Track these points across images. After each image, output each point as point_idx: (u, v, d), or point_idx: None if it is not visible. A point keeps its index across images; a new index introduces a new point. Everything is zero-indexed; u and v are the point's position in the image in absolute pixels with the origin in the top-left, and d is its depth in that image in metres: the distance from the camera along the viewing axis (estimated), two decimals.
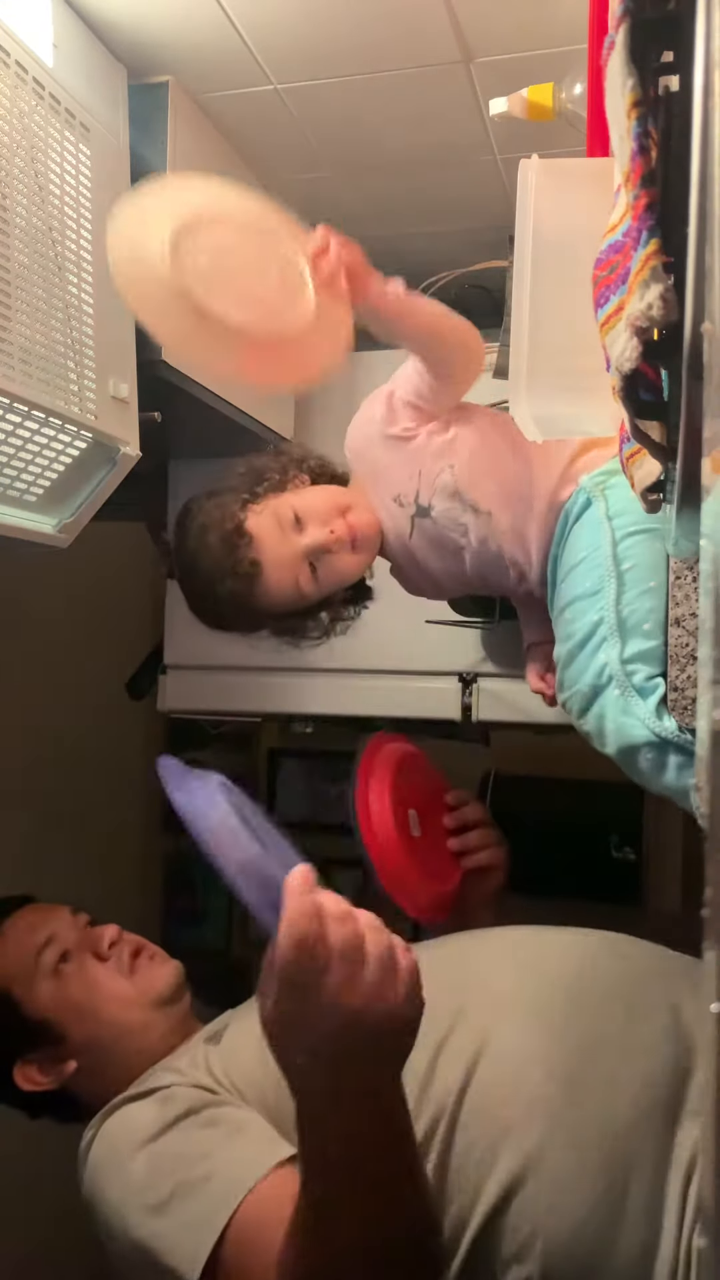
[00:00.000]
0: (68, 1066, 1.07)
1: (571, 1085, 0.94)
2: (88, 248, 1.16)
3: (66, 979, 1.09)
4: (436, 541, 1.21)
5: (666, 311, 0.52)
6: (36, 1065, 1.08)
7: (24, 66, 1.06)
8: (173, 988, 1.13)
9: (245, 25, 1.20)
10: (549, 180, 0.88)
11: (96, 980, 1.10)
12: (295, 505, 1.19)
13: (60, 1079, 1.07)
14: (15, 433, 1.10)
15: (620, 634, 1.01)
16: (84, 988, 1.09)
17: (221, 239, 0.97)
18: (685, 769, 0.96)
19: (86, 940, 1.13)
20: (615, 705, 0.99)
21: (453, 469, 1.17)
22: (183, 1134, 0.95)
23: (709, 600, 0.49)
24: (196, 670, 1.77)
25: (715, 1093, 0.39)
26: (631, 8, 0.54)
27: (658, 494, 0.72)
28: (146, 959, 1.14)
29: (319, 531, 1.19)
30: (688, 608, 0.94)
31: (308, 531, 1.18)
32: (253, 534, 1.17)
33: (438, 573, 1.25)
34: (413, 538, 1.22)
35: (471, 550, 1.19)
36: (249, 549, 1.16)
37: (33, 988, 1.08)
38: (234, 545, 1.16)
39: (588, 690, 1.02)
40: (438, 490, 1.18)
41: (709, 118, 0.48)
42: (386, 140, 1.44)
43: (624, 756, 1.00)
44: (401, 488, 1.21)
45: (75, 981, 1.09)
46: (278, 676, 1.71)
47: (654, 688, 0.98)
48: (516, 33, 1.19)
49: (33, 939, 1.11)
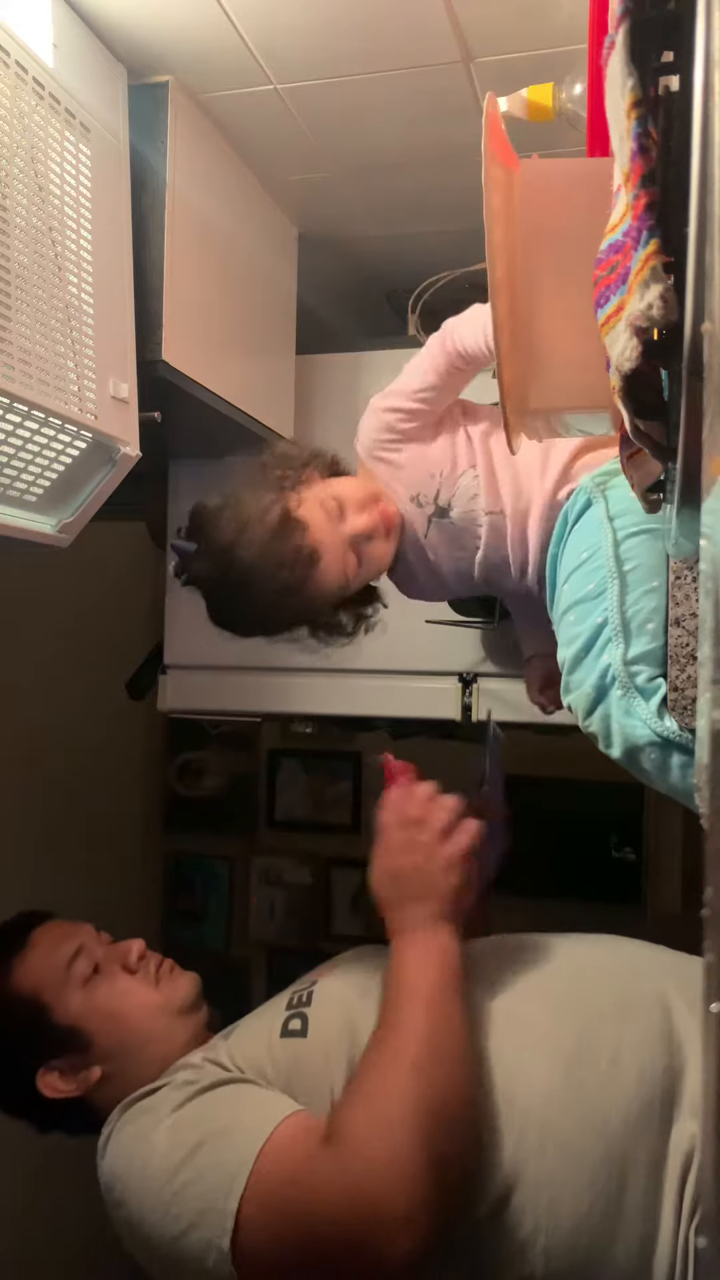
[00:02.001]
0: (93, 1073, 1.08)
1: (568, 1083, 0.95)
2: (88, 248, 1.16)
3: (96, 988, 1.11)
4: (453, 542, 1.22)
5: (666, 311, 0.52)
6: (59, 1072, 1.09)
7: (24, 66, 1.06)
8: (195, 996, 1.15)
9: (245, 25, 1.19)
10: (541, 180, 0.88)
11: (127, 990, 1.12)
12: (335, 493, 1.19)
13: (84, 1086, 1.08)
14: (15, 433, 1.10)
15: (624, 635, 1.01)
16: (115, 996, 1.11)
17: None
18: (689, 768, 0.96)
19: (114, 954, 1.15)
20: (619, 707, 1.00)
21: (475, 470, 1.19)
22: (203, 1102, 0.97)
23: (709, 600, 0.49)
24: (196, 670, 1.77)
25: (715, 1093, 0.39)
26: (631, 8, 0.54)
27: (658, 494, 0.72)
28: (168, 970, 1.17)
29: (361, 518, 1.18)
30: (688, 608, 0.94)
31: (350, 519, 1.17)
32: (306, 520, 1.14)
33: (447, 573, 1.26)
34: (428, 537, 1.23)
35: (483, 551, 1.21)
36: (304, 536, 1.13)
37: (63, 995, 1.10)
38: (287, 534, 1.13)
39: (592, 692, 1.02)
40: (459, 492, 1.19)
41: (709, 118, 0.48)
42: (386, 140, 1.44)
43: (629, 758, 1.00)
44: (421, 488, 1.22)
45: (105, 990, 1.11)
46: (278, 676, 1.71)
47: (656, 688, 0.98)
48: (516, 33, 1.19)
49: (64, 949, 1.12)
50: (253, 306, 1.55)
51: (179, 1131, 0.95)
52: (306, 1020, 1.03)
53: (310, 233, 1.71)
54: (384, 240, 1.74)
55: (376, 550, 1.20)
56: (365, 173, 1.54)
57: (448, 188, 1.54)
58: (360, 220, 1.67)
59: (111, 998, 1.11)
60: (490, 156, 0.79)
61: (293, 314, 1.70)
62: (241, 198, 1.52)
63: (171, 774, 2.92)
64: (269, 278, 1.62)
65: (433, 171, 1.51)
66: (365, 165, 1.51)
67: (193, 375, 1.35)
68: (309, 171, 1.53)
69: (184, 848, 2.98)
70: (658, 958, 1.08)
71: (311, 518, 1.15)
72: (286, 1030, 1.03)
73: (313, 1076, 0.98)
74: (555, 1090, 0.94)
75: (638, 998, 1.01)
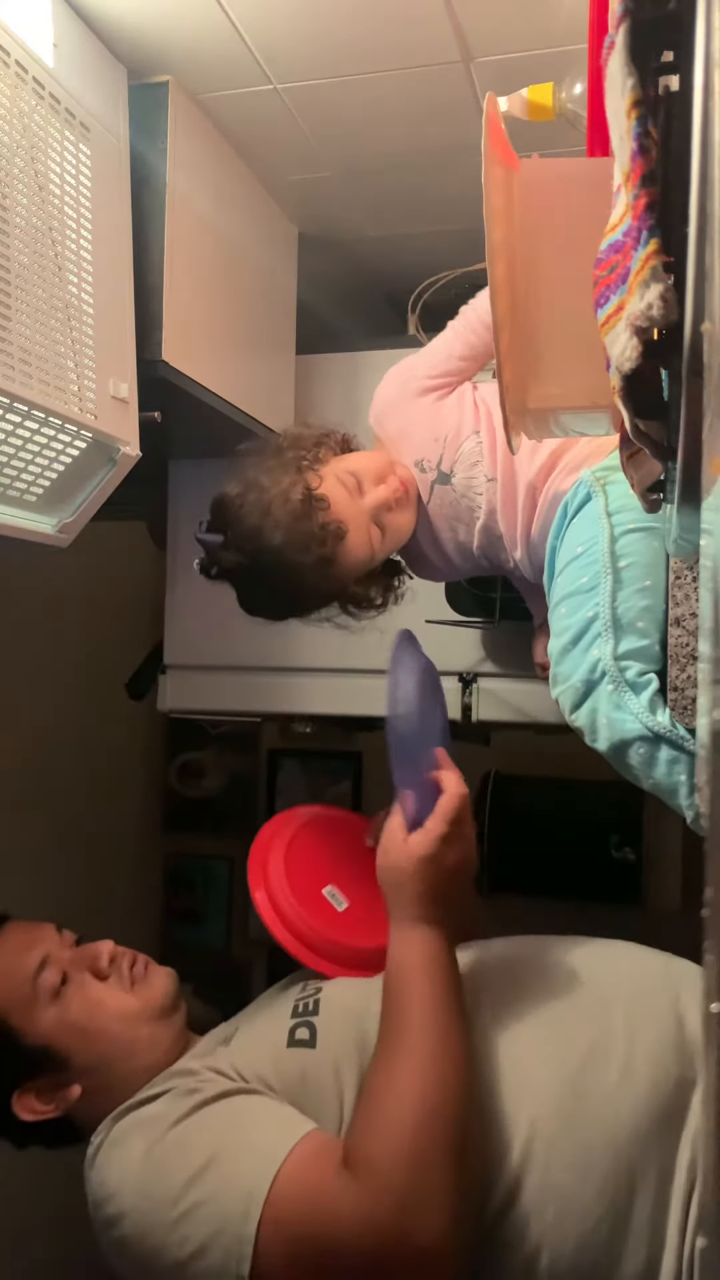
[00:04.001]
0: (71, 1091, 1.01)
1: (575, 1096, 0.92)
2: (88, 248, 1.16)
3: (68, 1002, 1.03)
4: (452, 509, 1.24)
5: (666, 311, 0.52)
6: (35, 1094, 1.02)
7: (24, 66, 1.06)
8: (172, 996, 1.09)
9: (245, 25, 1.19)
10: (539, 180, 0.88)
11: (101, 1000, 1.05)
12: (351, 468, 1.20)
13: (64, 1105, 1.02)
14: (15, 433, 1.10)
15: (614, 631, 1.01)
16: (88, 1009, 1.04)
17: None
18: (675, 764, 0.96)
19: (81, 959, 1.07)
20: (608, 700, 1.00)
21: (479, 435, 1.20)
22: (210, 1115, 0.92)
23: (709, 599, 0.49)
24: (196, 670, 1.77)
25: (715, 1093, 0.39)
26: (631, 7, 0.54)
27: (658, 494, 0.72)
28: (142, 969, 1.10)
29: (380, 489, 1.19)
30: (688, 607, 0.94)
31: (368, 491, 1.19)
32: (328, 496, 1.15)
33: (448, 544, 1.27)
34: (430, 503, 1.24)
35: (480, 521, 1.22)
36: (328, 513, 1.14)
37: (32, 1014, 1.02)
38: (311, 512, 1.14)
39: (580, 685, 1.03)
40: (461, 457, 1.21)
41: (709, 118, 0.48)
42: (386, 140, 1.44)
43: (615, 751, 1.00)
44: (425, 452, 1.23)
45: (77, 1004, 1.04)
46: (278, 676, 1.71)
47: (647, 683, 0.99)
48: (516, 33, 1.19)
49: (26, 961, 1.04)
50: (253, 306, 1.55)
51: (185, 1147, 0.90)
52: (314, 1030, 1.00)
53: (310, 233, 1.71)
54: (384, 240, 1.74)
55: (397, 520, 1.22)
56: (365, 173, 1.54)
57: (448, 188, 1.54)
58: (360, 220, 1.67)
59: (85, 1011, 1.03)
60: (490, 156, 0.79)
61: (293, 314, 1.70)
62: (241, 198, 1.52)
63: (171, 774, 2.92)
64: (269, 278, 1.62)
65: (433, 171, 1.51)
66: (365, 165, 1.51)
67: (193, 375, 1.35)
68: (309, 171, 1.53)
69: (184, 848, 2.98)
70: (670, 966, 1.05)
71: (333, 494, 1.16)
72: (294, 1039, 1.00)
73: (322, 1089, 0.95)
74: (563, 1101, 0.92)
75: (651, 1008, 0.98)
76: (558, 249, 0.81)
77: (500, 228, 0.81)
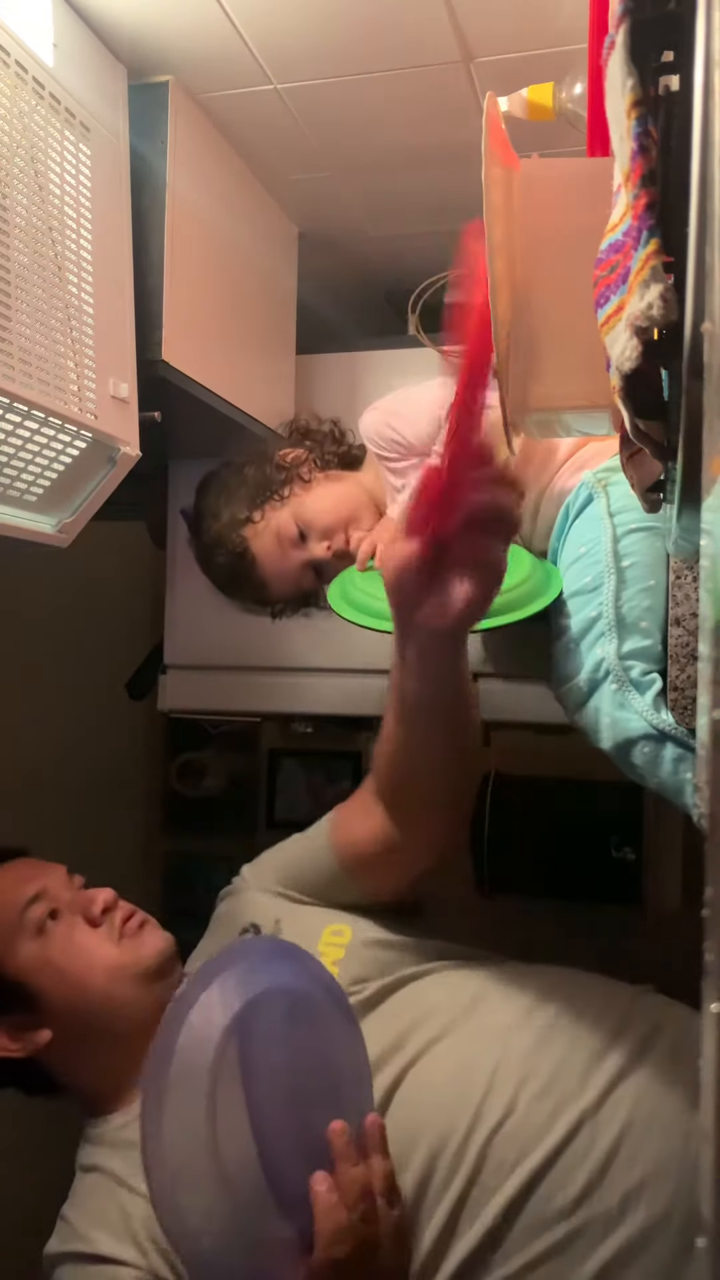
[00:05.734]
0: (40, 1035, 0.99)
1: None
2: (88, 248, 1.16)
3: (51, 939, 1.01)
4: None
5: (666, 311, 0.52)
6: (5, 1029, 1.00)
7: (24, 66, 1.06)
8: (164, 960, 1.06)
9: (245, 25, 1.19)
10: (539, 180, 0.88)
11: (83, 945, 1.02)
12: (299, 517, 1.31)
13: (31, 1048, 0.99)
14: (15, 433, 1.10)
15: (618, 630, 1.01)
16: (68, 951, 1.01)
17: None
18: (681, 762, 0.96)
19: (78, 902, 1.06)
20: (612, 699, 1.00)
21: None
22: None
23: (709, 599, 0.49)
24: (196, 670, 1.77)
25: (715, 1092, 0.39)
26: (631, 7, 0.54)
27: (658, 494, 0.72)
28: (137, 926, 1.08)
29: (318, 547, 1.32)
30: (688, 607, 0.95)
31: (311, 545, 1.30)
32: (256, 555, 1.33)
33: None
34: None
35: None
36: (253, 569, 1.33)
37: (13, 944, 1.00)
38: (239, 561, 1.33)
39: (584, 684, 1.03)
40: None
41: (709, 118, 0.48)
42: (386, 140, 1.44)
43: (619, 750, 1.00)
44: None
45: (60, 943, 1.02)
46: (278, 676, 1.71)
47: (651, 682, 0.99)
48: (516, 33, 1.19)
49: (20, 892, 1.03)
50: (253, 306, 1.55)
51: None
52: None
53: (310, 233, 1.71)
54: (384, 240, 1.74)
55: (338, 566, 1.32)
56: (365, 173, 1.54)
57: (448, 188, 1.54)
58: (360, 220, 1.67)
59: (64, 952, 1.01)
60: (490, 156, 0.79)
61: (293, 314, 1.70)
62: (241, 198, 1.52)
63: (171, 774, 2.92)
64: (269, 277, 1.62)
65: (433, 171, 1.51)
66: (365, 165, 1.51)
67: (193, 375, 1.35)
68: (309, 171, 1.53)
69: (184, 848, 2.97)
70: (611, 999, 1.04)
71: (264, 552, 1.34)
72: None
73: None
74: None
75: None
76: (558, 249, 0.81)
77: (500, 227, 0.81)
